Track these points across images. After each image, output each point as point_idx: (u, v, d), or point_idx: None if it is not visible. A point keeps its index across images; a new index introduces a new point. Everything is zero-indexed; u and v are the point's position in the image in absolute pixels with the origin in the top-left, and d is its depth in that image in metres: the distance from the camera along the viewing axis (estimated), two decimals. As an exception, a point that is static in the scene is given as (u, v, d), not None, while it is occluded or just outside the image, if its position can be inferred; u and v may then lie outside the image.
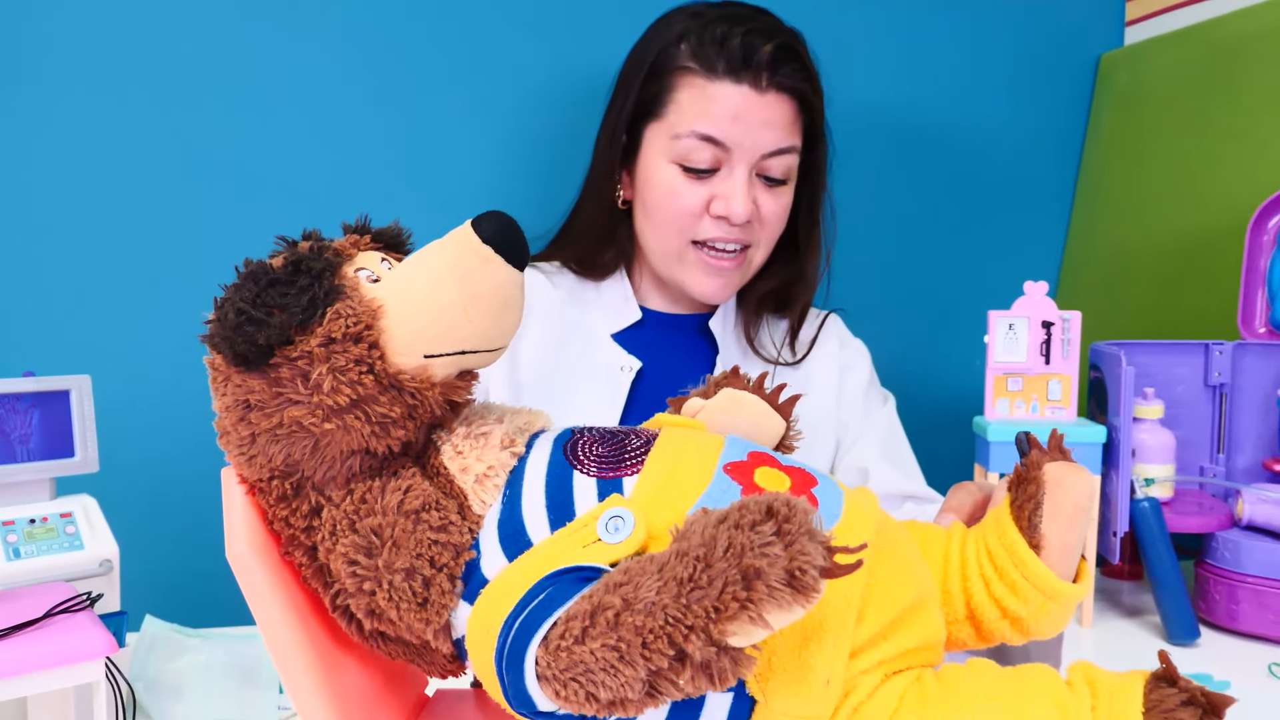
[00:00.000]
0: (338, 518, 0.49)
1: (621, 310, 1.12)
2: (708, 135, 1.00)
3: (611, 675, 0.41)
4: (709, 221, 1.04)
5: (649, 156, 1.05)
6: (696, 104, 1.01)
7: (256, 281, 0.48)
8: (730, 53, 1.00)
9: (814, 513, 0.41)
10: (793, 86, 1.02)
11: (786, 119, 1.03)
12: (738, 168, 1.02)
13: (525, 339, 1.09)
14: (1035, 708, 0.45)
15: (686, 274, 1.06)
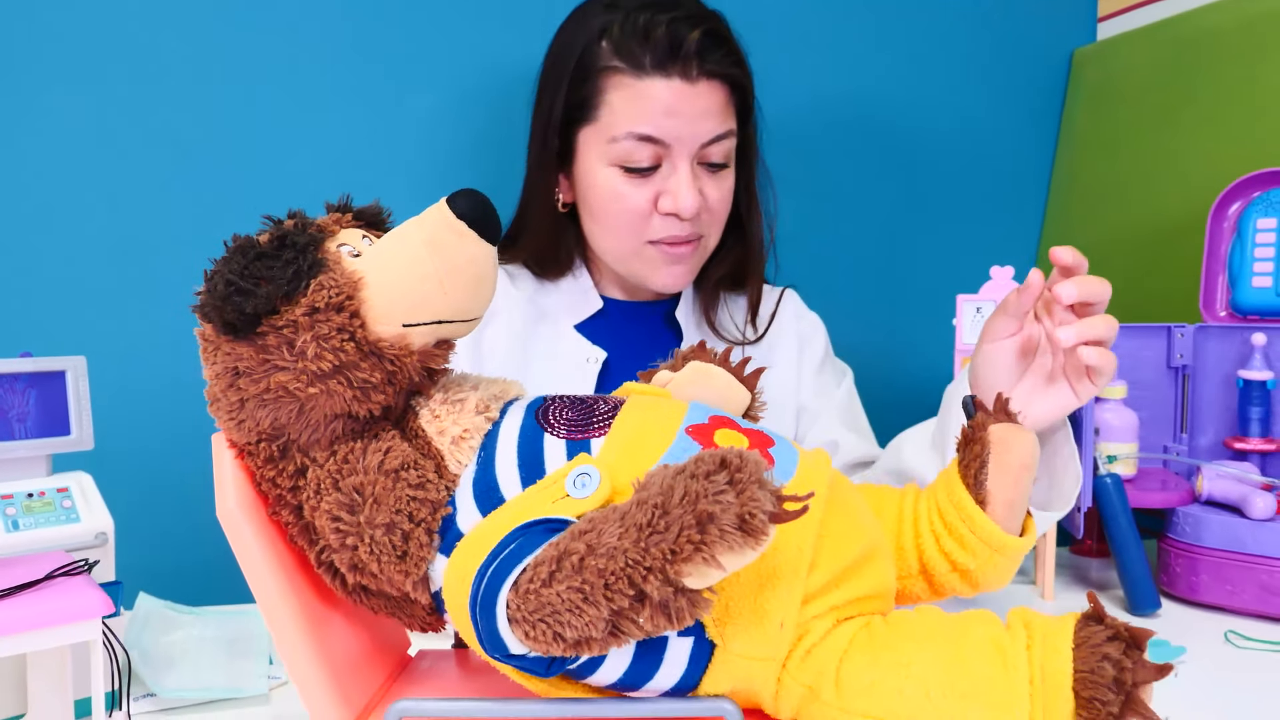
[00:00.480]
0: (322, 477, 0.52)
1: (583, 302, 1.13)
2: (645, 135, 1.00)
3: (576, 615, 0.44)
4: (659, 220, 1.04)
5: (586, 161, 1.05)
6: (629, 104, 1.00)
7: (244, 255, 0.51)
8: (656, 46, 0.99)
9: (765, 464, 0.44)
10: (723, 72, 1.02)
11: (721, 105, 1.02)
12: (679, 162, 1.02)
13: (490, 336, 1.10)
14: (975, 646, 0.48)
15: (645, 269, 1.07)
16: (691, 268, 1.09)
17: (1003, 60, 1.61)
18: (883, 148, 1.55)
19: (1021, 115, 1.63)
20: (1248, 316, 1.12)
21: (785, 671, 0.50)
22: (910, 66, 1.55)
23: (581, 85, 1.03)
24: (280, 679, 0.83)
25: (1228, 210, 1.15)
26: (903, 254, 1.58)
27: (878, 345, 1.54)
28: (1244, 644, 0.92)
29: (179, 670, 0.81)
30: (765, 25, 1.47)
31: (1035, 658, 0.46)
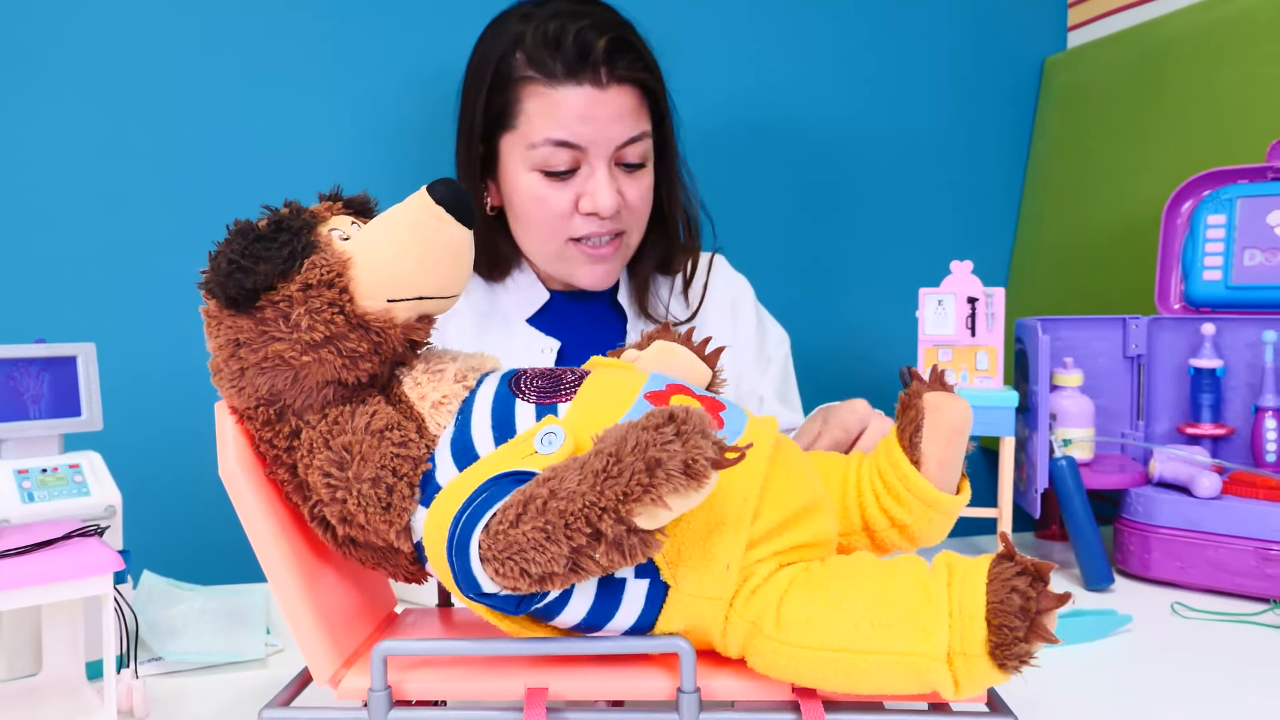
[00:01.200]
0: (314, 438, 0.58)
1: (531, 297, 1.18)
2: (561, 140, 1.05)
3: (540, 552, 0.49)
4: (580, 220, 1.09)
5: (509, 167, 1.10)
6: (544, 112, 1.05)
7: (245, 237, 0.57)
8: (566, 55, 1.03)
9: (709, 417, 0.50)
10: (632, 76, 1.06)
11: (632, 108, 1.07)
12: (596, 164, 1.07)
13: (450, 338, 1.14)
14: (901, 584, 0.53)
15: (570, 268, 1.12)
16: (615, 265, 1.14)
17: (978, 68, 1.68)
18: (863, 150, 1.62)
19: (996, 120, 1.70)
20: (1200, 308, 1.18)
21: (732, 610, 0.55)
22: (890, 73, 1.62)
23: (499, 95, 1.08)
24: (277, 646, 0.88)
25: (1180, 208, 1.21)
26: (883, 252, 1.64)
27: (860, 340, 1.60)
28: (1189, 614, 0.97)
29: (182, 637, 0.86)
30: (746, 31, 1.54)
31: (954, 592, 0.52)
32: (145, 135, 1.28)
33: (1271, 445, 1.10)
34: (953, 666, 0.51)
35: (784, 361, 1.26)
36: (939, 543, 0.64)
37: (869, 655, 0.52)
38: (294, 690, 0.61)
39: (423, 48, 1.39)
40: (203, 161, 1.30)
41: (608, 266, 1.13)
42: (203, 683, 0.81)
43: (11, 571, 0.62)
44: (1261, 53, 1.30)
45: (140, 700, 0.73)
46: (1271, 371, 1.10)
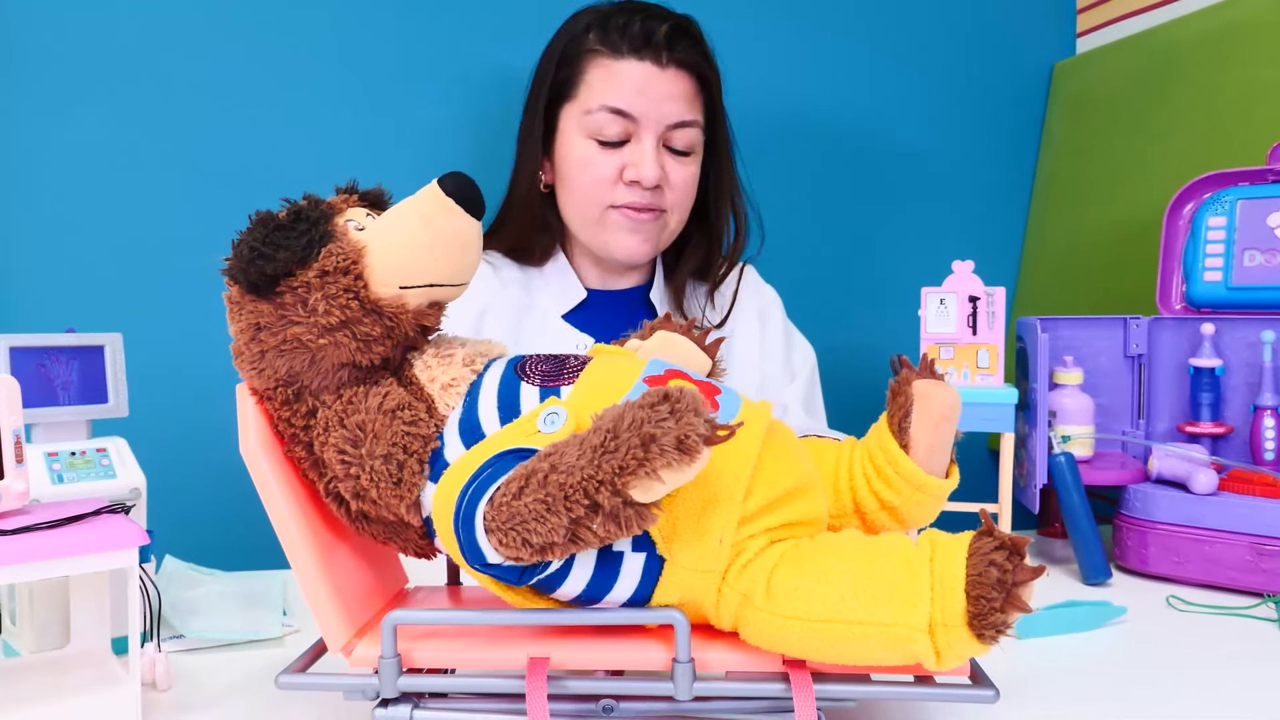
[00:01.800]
0: (330, 417, 0.61)
1: (566, 291, 1.22)
2: (616, 108, 1.11)
3: (541, 523, 0.52)
4: (623, 188, 1.14)
5: (565, 135, 1.16)
6: (604, 81, 1.12)
7: (265, 226, 0.60)
8: (632, 34, 1.12)
9: (702, 397, 0.52)
10: (690, 62, 1.14)
11: (687, 93, 1.14)
12: (645, 137, 1.12)
13: (487, 330, 1.18)
14: (885, 558, 0.56)
15: (607, 235, 1.16)
16: (651, 240, 1.17)
17: (990, 72, 1.70)
18: (874, 153, 1.65)
19: (1006, 123, 1.72)
20: (1201, 309, 1.19)
21: (725, 583, 0.58)
22: (902, 78, 1.65)
23: (565, 68, 1.16)
24: (293, 627, 0.91)
25: (1182, 210, 1.22)
26: (894, 253, 1.66)
27: (869, 339, 1.63)
28: (1184, 608, 0.99)
29: (203, 617, 0.89)
30: (761, 39, 1.57)
31: (936, 567, 0.54)
32: (170, 135, 1.32)
33: (1270, 443, 1.11)
34: (934, 637, 0.53)
35: (810, 374, 1.29)
36: (928, 524, 0.67)
37: (854, 626, 0.54)
38: (309, 659, 0.64)
39: (439, 49, 1.43)
40: (224, 160, 1.34)
41: (644, 237, 1.16)
42: (222, 659, 0.84)
43: (42, 544, 0.65)
44: (1264, 57, 1.32)
45: (163, 673, 0.76)
46: (1270, 371, 1.12)
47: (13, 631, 0.83)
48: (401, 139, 1.42)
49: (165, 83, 1.32)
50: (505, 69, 1.44)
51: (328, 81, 1.39)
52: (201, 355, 1.17)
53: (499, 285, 1.20)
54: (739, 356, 1.26)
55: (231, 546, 1.14)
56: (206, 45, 1.34)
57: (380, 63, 1.41)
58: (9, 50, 1.26)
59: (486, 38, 1.44)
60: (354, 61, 1.40)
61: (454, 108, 1.44)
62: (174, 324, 1.29)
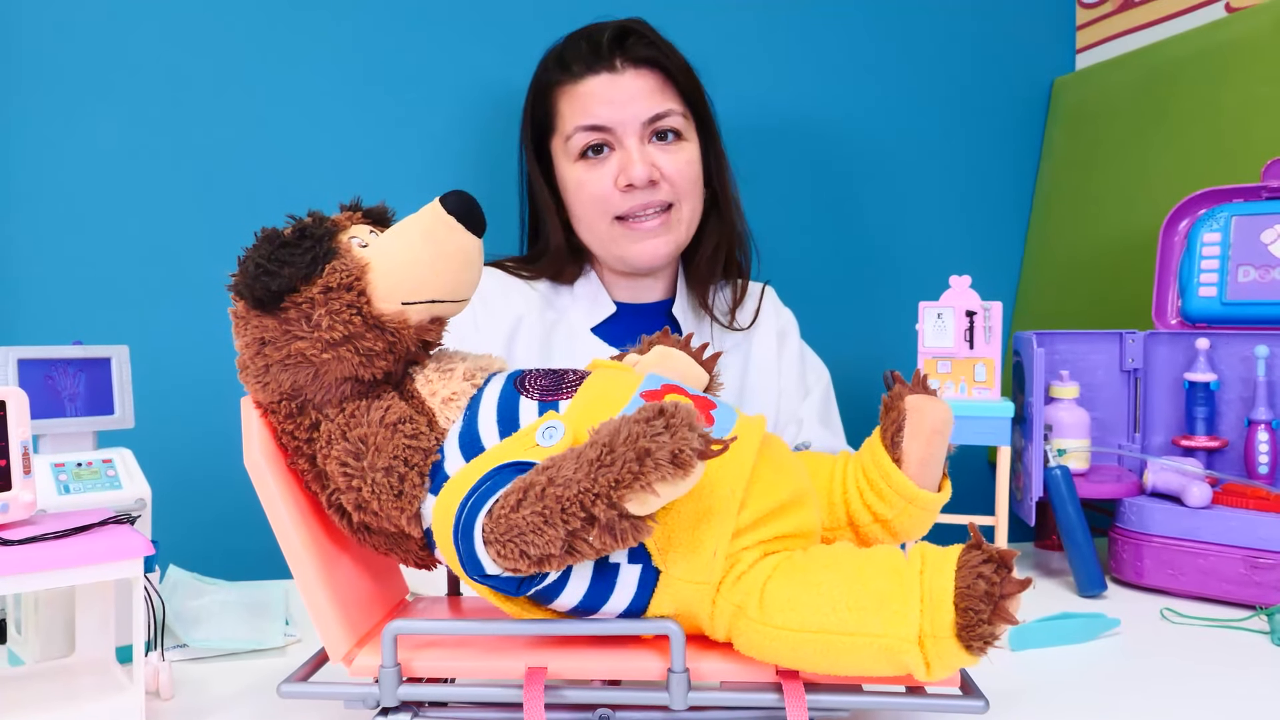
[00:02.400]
0: (333, 430, 0.62)
1: (596, 306, 1.24)
2: (588, 125, 1.14)
3: (538, 535, 0.53)
4: (620, 196, 1.15)
5: (559, 167, 1.20)
6: (572, 105, 1.16)
7: (271, 243, 0.61)
8: (582, 54, 1.15)
9: (696, 412, 0.53)
10: (645, 57, 1.15)
11: (652, 87, 1.15)
12: (627, 140, 1.14)
13: (521, 340, 1.20)
14: (876, 570, 0.57)
15: (623, 247, 1.17)
16: (669, 239, 1.18)
17: (990, 87, 1.72)
18: (876, 166, 1.66)
19: (1006, 138, 1.74)
20: (1196, 324, 1.20)
21: (719, 594, 0.59)
22: (903, 92, 1.67)
23: (539, 106, 1.20)
24: (295, 636, 0.92)
25: (1178, 226, 1.23)
26: (896, 269, 1.68)
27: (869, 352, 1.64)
28: (1178, 620, 1.00)
29: (206, 626, 0.90)
30: (761, 51, 1.59)
31: (926, 579, 0.55)
32: (176, 148, 1.34)
33: (1264, 457, 1.12)
34: (923, 648, 0.54)
35: (824, 390, 1.31)
36: (920, 537, 0.68)
37: (845, 637, 0.55)
38: (311, 668, 0.65)
39: (448, 65, 1.44)
40: (232, 173, 1.36)
41: (659, 239, 1.18)
42: (225, 668, 0.85)
43: (48, 554, 0.66)
44: (1261, 75, 1.33)
45: (166, 682, 0.77)
46: (1263, 386, 1.13)
47: (18, 640, 0.84)
48: (408, 153, 1.43)
49: (176, 93, 1.34)
50: (512, 85, 1.45)
51: (337, 95, 1.40)
52: (206, 367, 1.18)
53: (529, 290, 1.22)
54: (757, 374, 1.28)
55: (235, 556, 1.16)
56: (217, 52, 1.35)
57: (389, 77, 1.43)
58: (17, 58, 1.28)
59: (495, 54, 1.46)
60: (364, 75, 1.41)
61: (462, 123, 1.46)
62: (181, 337, 1.30)
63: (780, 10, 1.59)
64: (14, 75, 1.28)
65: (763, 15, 1.58)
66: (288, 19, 1.38)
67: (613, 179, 1.15)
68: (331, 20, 1.40)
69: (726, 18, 1.56)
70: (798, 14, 1.60)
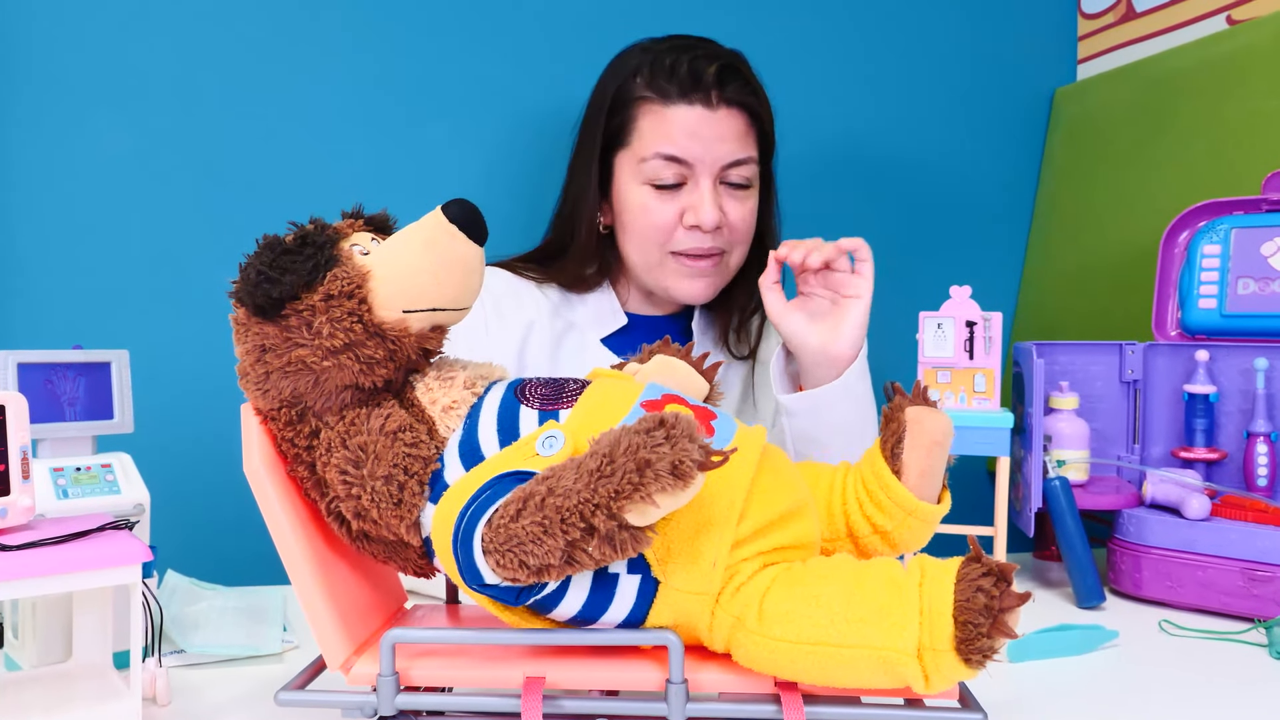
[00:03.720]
0: (332, 438, 0.62)
1: (608, 316, 1.23)
2: (670, 155, 1.12)
3: (537, 545, 0.53)
4: (682, 233, 1.15)
5: (622, 182, 1.17)
6: (657, 128, 1.13)
7: (273, 250, 0.61)
8: (680, 78, 1.12)
9: (697, 423, 0.53)
10: (741, 101, 1.14)
11: (740, 131, 1.14)
12: (702, 180, 1.13)
13: (531, 348, 1.19)
14: (875, 582, 0.57)
15: (669, 280, 1.17)
16: (714, 282, 1.19)
17: (992, 98, 1.72)
18: (878, 177, 1.66)
19: (1008, 149, 1.74)
20: (1195, 335, 1.20)
21: (718, 605, 0.59)
22: (905, 104, 1.67)
23: (617, 115, 1.16)
24: (293, 643, 0.92)
25: (1178, 237, 1.24)
26: (896, 279, 1.67)
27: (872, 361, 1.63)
28: (1176, 632, 1.00)
29: (203, 632, 0.90)
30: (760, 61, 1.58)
31: (925, 591, 0.55)
32: (178, 152, 1.34)
33: (1262, 469, 1.12)
34: (922, 661, 0.54)
35: None
36: (919, 549, 0.68)
37: (844, 649, 0.55)
38: (308, 676, 0.65)
39: (451, 68, 1.45)
40: (234, 177, 1.36)
41: (706, 281, 1.17)
42: (222, 674, 0.85)
43: (47, 560, 0.66)
44: (1263, 88, 1.33)
45: (163, 688, 0.77)
46: (1262, 398, 1.13)
47: (15, 645, 0.84)
48: (410, 161, 1.43)
49: (178, 96, 1.34)
50: (516, 94, 1.46)
51: (339, 101, 1.41)
52: (206, 372, 1.18)
53: (541, 296, 1.22)
54: (760, 386, 1.27)
55: (233, 561, 1.16)
56: (220, 58, 1.36)
57: (392, 84, 1.43)
58: (23, 64, 1.28)
59: (499, 63, 1.46)
60: (367, 82, 1.42)
61: (464, 131, 1.46)
62: (180, 341, 1.31)
63: (781, 21, 1.60)
64: (18, 80, 1.28)
65: (760, 25, 1.59)
66: (291, 26, 1.38)
67: (679, 213, 1.14)
68: (335, 28, 1.40)
69: (722, 28, 1.56)
70: (799, 25, 1.61)
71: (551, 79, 1.46)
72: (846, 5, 1.63)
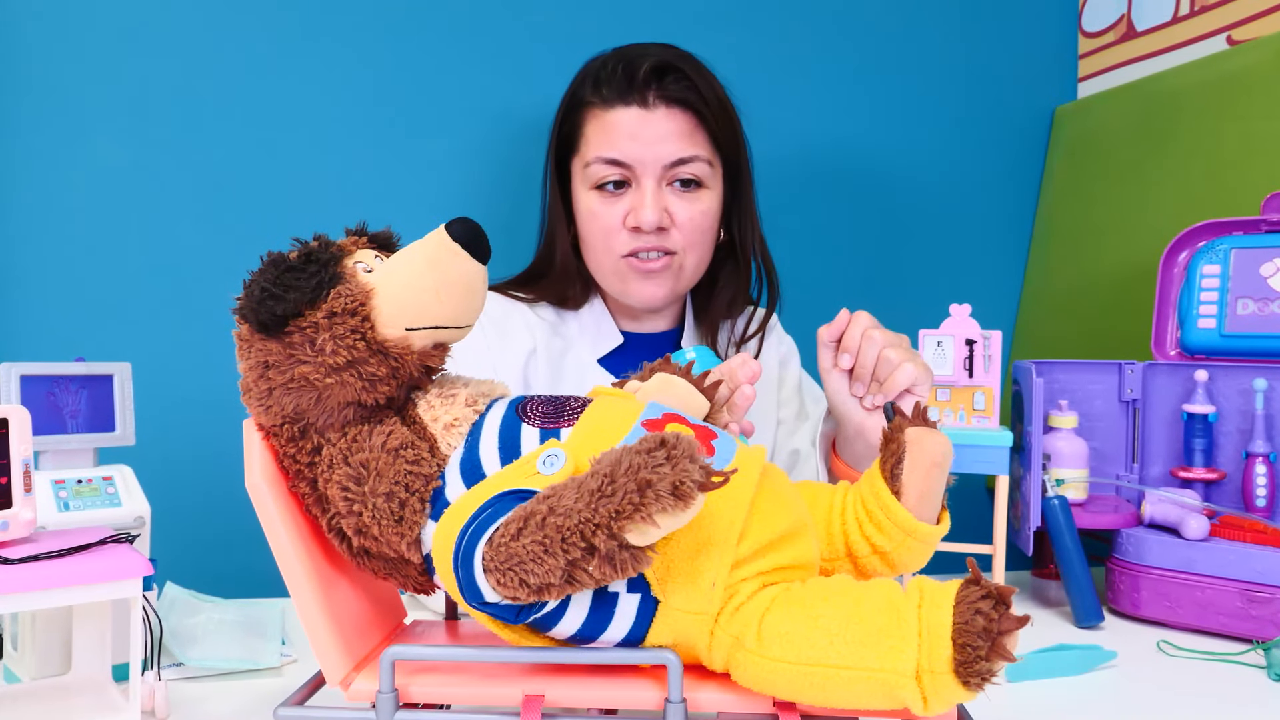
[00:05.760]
0: (334, 454, 0.62)
1: (603, 336, 1.23)
2: (610, 158, 1.12)
3: (538, 564, 0.53)
4: (627, 235, 1.14)
5: (576, 188, 1.18)
6: (599, 133, 1.14)
7: (277, 267, 0.62)
8: (617, 81, 1.12)
9: (697, 443, 0.54)
10: (679, 98, 1.12)
11: (682, 130, 1.13)
12: (645, 181, 1.13)
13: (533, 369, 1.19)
14: (874, 604, 0.57)
15: (624, 284, 1.17)
16: (668, 284, 1.17)
17: (992, 115, 1.73)
18: (877, 194, 1.67)
19: (1008, 166, 1.75)
20: (1195, 355, 1.21)
21: (717, 625, 0.59)
22: (906, 121, 1.68)
23: (567, 123, 1.18)
24: (291, 656, 0.92)
25: (1177, 257, 1.24)
26: (896, 296, 1.68)
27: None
28: (1174, 653, 1.00)
29: (202, 645, 0.90)
30: (761, 78, 1.59)
31: (924, 614, 0.55)
32: (179, 164, 1.35)
33: (1261, 490, 1.12)
34: (920, 683, 0.54)
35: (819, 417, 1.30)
36: (918, 570, 0.68)
37: (842, 670, 0.55)
38: (307, 692, 0.65)
39: (456, 85, 1.45)
40: (233, 190, 1.37)
41: (657, 283, 1.16)
42: (221, 687, 0.85)
43: (48, 573, 0.66)
44: (1262, 109, 1.34)
45: (162, 701, 0.77)
46: (1261, 418, 1.13)
47: (14, 657, 0.84)
48: (414, 178, 1.44)
49: (182, 109, 1.35)
50: (520, 110, 1.47)
51: (345, 117, 1.41)
52: (208, 385, 1.19)
53: (535, 319, 1.21)
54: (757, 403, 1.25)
55: (232, 573, 1.16)
56: (223, 75, 1.36)
57: (397, 100, 1.44)
58: (24, 73, 1.29)
59: (503, 78, 1.47)
60: (371, 98, 1.43)
61: (468, 148, 1.47)
62: (183, 354, 1.31)
63: (779, 37, 1.61)
64: (19, 91, 1.29)
65: (759, 41, 1.59)
66: (293, 38, 1.39)
67: (623, 216, 1.14)
68: (336, 40, 1.41)
69: (719, 44, 1.57)
70: (798, 41, 1.62)
71: (554, 93, 1.46)
72: (845, 22, 1.64)
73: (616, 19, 1.51)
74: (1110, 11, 1.67)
